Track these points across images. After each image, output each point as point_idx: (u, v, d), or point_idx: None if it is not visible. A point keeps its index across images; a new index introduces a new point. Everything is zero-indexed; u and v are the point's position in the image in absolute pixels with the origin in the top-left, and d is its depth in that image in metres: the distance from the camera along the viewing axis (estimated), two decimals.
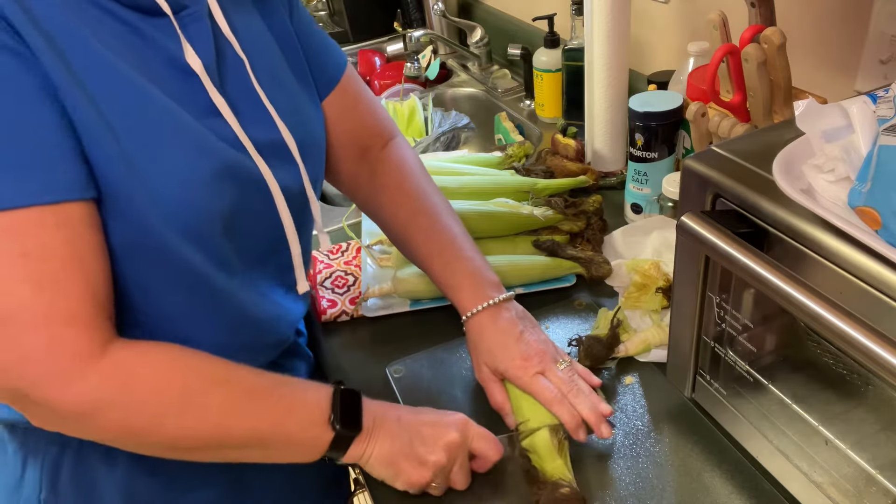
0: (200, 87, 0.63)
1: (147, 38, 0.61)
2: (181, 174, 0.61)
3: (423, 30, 1.79)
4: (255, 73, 0.69)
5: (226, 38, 0.67)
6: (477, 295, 0.78)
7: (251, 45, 0.70)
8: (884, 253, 0.47)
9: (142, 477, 0.72)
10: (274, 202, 0.69)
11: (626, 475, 0.72)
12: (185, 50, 0.62)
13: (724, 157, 0.62)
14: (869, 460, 0.57)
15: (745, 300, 0.64)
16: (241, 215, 0.66)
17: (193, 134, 0.62)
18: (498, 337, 0.77)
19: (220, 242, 0.65)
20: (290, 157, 0.72)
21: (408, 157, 0.88)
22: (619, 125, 1.15)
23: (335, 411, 0.65)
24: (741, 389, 0.68)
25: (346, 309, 0.97)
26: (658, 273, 0.88)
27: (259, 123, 0.68)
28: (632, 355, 0.84)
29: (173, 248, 0.62)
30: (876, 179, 0.48)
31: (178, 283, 0.65)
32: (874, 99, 0.53)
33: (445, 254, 0.81)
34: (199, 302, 0.67)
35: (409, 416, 0.70)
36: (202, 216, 0.62)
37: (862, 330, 0.46)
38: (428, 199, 0.85)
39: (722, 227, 0.57)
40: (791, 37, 0.82)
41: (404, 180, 0.86)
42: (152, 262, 0.62)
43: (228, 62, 0.67)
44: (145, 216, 0.60)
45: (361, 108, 0.86)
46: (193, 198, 0.61)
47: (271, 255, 0.73)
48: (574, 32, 1.31)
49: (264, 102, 0.69)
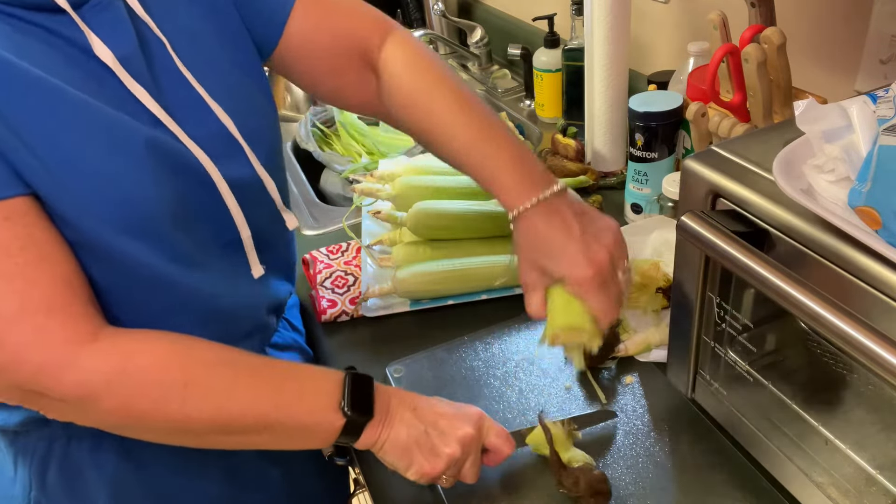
0: (118, 81, 0.61)
1: (55, 35, 0.59)
2: (105, 172, 0.59)
3: (423, 30, 1.79)
4: (182, 57, 0.66)
5: (143, 21, 0.64)
6: (524, 188, 0.68)
7: (174, 27, 0.67)
8: (884, 253, 0.47)
9: (129, 472, 0.72)
10: (219, 191, 0.67)
11: (626, 475, 0.72)
12: (93, 43, 0.60)
13: (724, 157, 0.62)
14: (869, 460, 0.57)
15: (745, 300, 0.64)
16: (189, 207, 0.65)
17: (110, 129, 0.60)
18: (556, 237, 0.67)
19: (175, 236, 0.64)
20: (233, 140, 0.69)
21: (412, 49, 0.77)
22: (619, 125, 1.15)
23: (346, 396, 0.65)
24: (741, 389, 0.68)
25: (346, 309, 0.97)
26: (658, 273, 0.88)
27: (192, 109, 0.66)
28: (632, 355, 0.84)
29: (118, 247, 0.61)
30: (876, 179, 0.48)
31: (135, 281, 0.64)
32: (874, 99, 0.53)
33: (479, 143, 0.71)
34: (163, 298, 0.66)
35: (425, 406, 0.69)
36: (144, 211, 0.61)
37: (862, 330, 0.46)
38: (443, 85, 0.74)
39: (722, 227, 0.57)
40: (791, 37, 0.82)
41: (413, 76, 0.75)
42: (101, 263, 0.61)
43: (152, 48, 0.65)
44: (80, 219, 0.59)
45: (337, 15, 0.77)
46: (128, 195, 0.60)
47: (229, 245, 0.71)
48: (574, 32, 1.31)
49: (194, 85, 0.66)
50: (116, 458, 0.71)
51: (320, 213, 1.26)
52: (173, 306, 0.67)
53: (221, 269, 0.71)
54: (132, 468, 0.72)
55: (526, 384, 0.84)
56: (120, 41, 0.62)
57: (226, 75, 0.70)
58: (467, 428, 0.68)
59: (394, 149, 1.46)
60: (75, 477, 0.71)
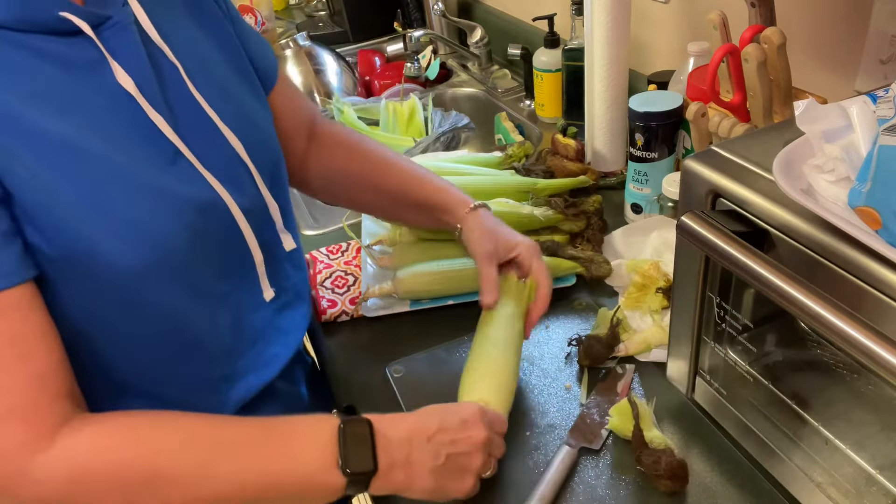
0: (139, 108, 0.61)
1: (74, 64, 0.58)
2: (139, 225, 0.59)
3: (423, 30, 1.79)
4: (194, 81, 0.66)
5: (157, 47, 0.64)
6: (460, 202, 0.86)
7: (186, 52, 0.67)
8: (884, 253, 0.47)
9: None
10: (235, 220, 0.68)
11: (626, 475, 0.72)
12: (115, 70, 0.60)
13: (724, 157, 0.62)
14: (869, 460, 0.57)
15: (745, 300, 0.64)
16: (209, 241, 0.65)
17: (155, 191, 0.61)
18: (501, 226, 0.86)
19: (192, 272, 0.64)
20: (243, 165, 0.70)
21: (339, 128, 0.92)
22: (619, 125, 1.15)
23: (342, 453, 0.60)
24: (741, 389, 0.68)
25: (346, 309, 0.97)
26: (658, 273, 0.88)
27: (205, 136, 0.66)
28: (632, 355, 0.84)
29: (144, 292, 0.61)
30: (876, 179, 0.48)
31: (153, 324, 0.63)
32: (874, 99, 0.53)
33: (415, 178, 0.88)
34: (179, 337, 0.66)
35: (433, 429, 0.65)
36: (164, 256, 0.61)
37: (862, 330, 0.46)
38: (378, 152, 0.90)
39: (722, 227, 0.57)
40: (791, 37, 0.82)
41: (351, 146, 0.90)
42: (121, 311, 0.61)
43: (165, 73, 0.65)
44: (108, 269, 0.58)
45: (297, 97, 0.88)
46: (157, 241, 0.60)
47: (241, 273, 0.71)
48: (574, 32, 1.31)
49: (207, 112, 0.67)
50: None
51: (320, 213, 1.26)
52: (187, 347, 0.67)
53: (239, 299, 0.71)
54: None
55: (525, 384, 0.84)
56: (136, 66, 0.62)
57: (236, 103, 0.72)
58: (480, 433, 0.66)
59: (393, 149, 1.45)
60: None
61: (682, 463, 0.68)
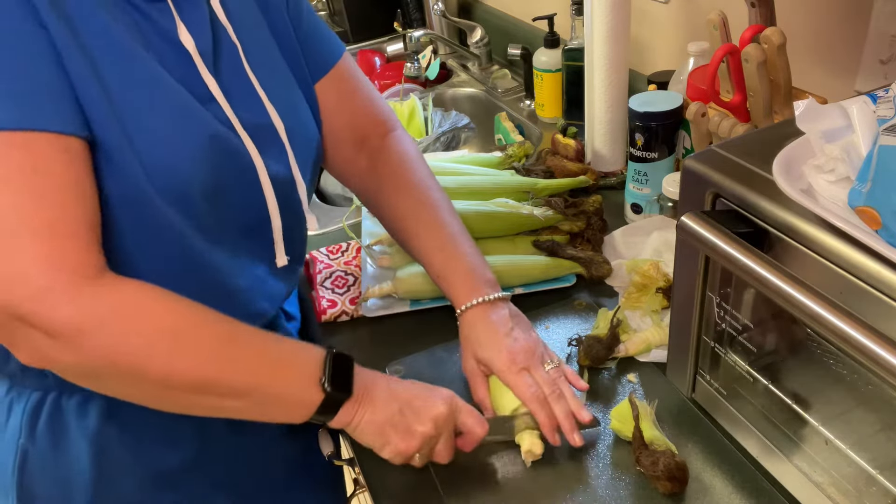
0: (193, 67, 0.66)
1: (146, 16, 0.64)
2: (169, 140, 0.63)
3: (423, 30, 1.79)
4: (248, 60, 0.71)
5: (221, 24, 0.70)
6: (472, 290, 0.80)
7: (246, 32, 0.72)
8: (884, 253, 0.47)
9: (112, 431, 0.72)
10: (259, 180, 0.71)
11: (626, 475, 0.72)
12: (179, 29, 0.65)
13: (724, 157, 0.62)
14: (869, 460, 0.57)
15: (745, 300, 0.64)
16: (225, 187, 0.68)
17: (184, 104, 0.64)
18: (488, 331, 0.78)
19: (203, 208, 0.66)
20: (279, 139, 0.73)
21: (409, 150, 0.89)
22: (619, 125, 1.15)
23: (326, 373, 0.66)
24: (741, 389, 0.68)
25: (346, 309, 0.97)
26: (658, 273, 0.88)
27: (249, 107, 0.71)
28: (632, 355, 0.84)
29: (155, 204, 0.63)
30: (876, 179, 0.48)
31: (157, 240, 0.65)
32: (874, 99, 0.53)
33: (446, 249, 0.83)
34: (176, 261, 0.67)
35: (398, 387, 0.71)
36: (185, 181, 0.64)
37: (862, 330, 0.46)
38: (429, 192, 0.86)
39: (722, 227, 0.57)
40: (791, 37, 0.82)
41: (405, 172, 0.87)
42: (133, 216, 0.63)
43: (224, 48, 0.70)
44: (130, 170, 0.61)
45: (360, 97, 0.87)
46: (177, 163, 0.63)
47: (254, 230, 0.74)
48: (574, 32, 1.31)
49: (256, 87, 0.71)
50: (101, 416, 0.72)
51: (321, 213, 1.26)
52: (185, 271, 0.68)
53: (239, 252, 0.73)
54: (115, 428, 0.72)
55: None
56: (200, 36, 0.67)
57: (286, 88, 0.77)
58: (440, 406, 0.70)
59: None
60: (62, 431, 0.72)
61: (682, 464, 0.68)
